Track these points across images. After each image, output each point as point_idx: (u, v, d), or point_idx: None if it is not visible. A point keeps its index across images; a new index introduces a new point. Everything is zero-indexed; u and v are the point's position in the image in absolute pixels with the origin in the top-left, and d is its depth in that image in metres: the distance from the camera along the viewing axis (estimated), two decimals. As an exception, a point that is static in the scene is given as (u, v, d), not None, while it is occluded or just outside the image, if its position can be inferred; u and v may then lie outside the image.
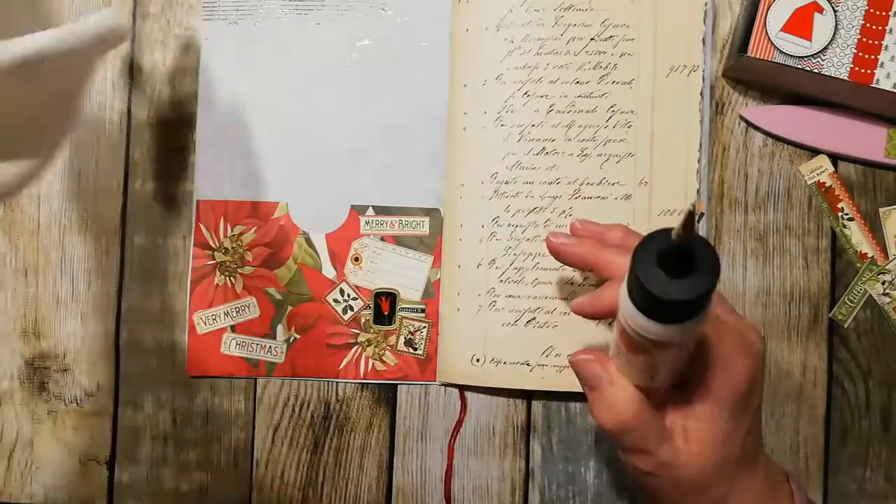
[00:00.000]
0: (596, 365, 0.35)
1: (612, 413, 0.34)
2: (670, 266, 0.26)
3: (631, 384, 0.34)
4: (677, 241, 0.25)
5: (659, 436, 0.34)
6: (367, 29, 0.48)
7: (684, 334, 0.28)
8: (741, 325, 0.36)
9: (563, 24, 0.46)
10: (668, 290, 0.26)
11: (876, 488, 0.46)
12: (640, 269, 0.26)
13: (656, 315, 0.27)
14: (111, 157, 0.48)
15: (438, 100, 0.47)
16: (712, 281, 0.26)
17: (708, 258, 0.26)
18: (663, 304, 0.26)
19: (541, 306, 0.45)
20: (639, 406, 0.34)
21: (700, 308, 0.27)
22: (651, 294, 0.26)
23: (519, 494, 0.47)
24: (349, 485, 0.47)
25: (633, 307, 0.28)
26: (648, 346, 0.30)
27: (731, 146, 0.47)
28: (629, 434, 0.34)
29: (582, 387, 0.36)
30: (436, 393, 0.47)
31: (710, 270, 0.26)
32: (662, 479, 0.35)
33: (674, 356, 0.31)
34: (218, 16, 0.48)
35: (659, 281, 0.26)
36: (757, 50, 0.42)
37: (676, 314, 0.27)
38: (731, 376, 0.34)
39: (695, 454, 0.34)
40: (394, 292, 0.47)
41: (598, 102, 0.46)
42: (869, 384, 0.46)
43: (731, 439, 0.34)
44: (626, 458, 0.36)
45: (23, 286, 0.48)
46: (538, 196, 0.46)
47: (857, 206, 0.46)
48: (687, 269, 0.26)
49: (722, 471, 0.35)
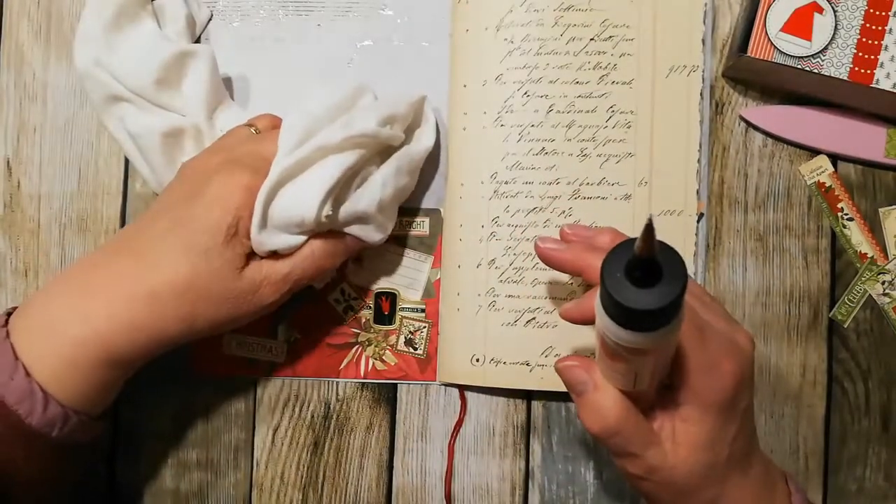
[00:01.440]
0: (581, 371, 0.35)
1: (598, 417, 0.35)
2: (637, 276, 0.26)
3: (616, 389, 0.35)
4: (640, 253, 0.26)
5: (646, 439, 0.35)
6: (368, 29, 0.48)
7: (659, 341, 0.29)
8: (731, 330, 0.36)
9: (562, 25, 0.46)
10: (635, 299, 0.26)
11: (876, 488, 0.46)
12: (608, 280, 0.27)
13: (628, 324, 0.28)
14: (111, 157, 0.48)
15: (438, 100, 0.47)
16: (678, 289, 0.26)
17: (675, 267, 0.26)
18: (633, 313, 0.27)
19: (541, 306, 0.45)
20: (624, 410, 0.35)
21: (671, 316, 0.28)
22: (620, 304, 0.27)
23: (519, 494, 0.47)
24: (349, 485, 0.47)
25: (607, 317, 0.28)
26: (625, 354, 0.30)
27: (730, 146, 0.47)
28: (616, 437, 0.35)
29: (569, 393, 0.37)
30: (436, 393, 0.47)
31: (676, 279, 0.26)
32: (652, 483, 0.35)
33: (652, 362, 0.31)
34: (218, 16, 0.49)
35: (626, 291, 0.27)
36: (757, 50, 0.42)
37: (648, 323, 0.28)
38: (718, 379, 0.34)
39: (682, 457, 0.35)
40: (394, 292, 0.47)
41: (598, 102, 0.46)
42: (869, 384, 0.46)
43: (719, 442, 0.35)
44: (617, 463, 0.37)
45: (23, 286, 0.48)
46: (538, 196, 0.46)
47: (857, 206, 0.46)
48: (654, 278, 0.26)
49: (711, 473, 0.35)
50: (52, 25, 0.49)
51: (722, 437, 0.35)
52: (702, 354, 0.34)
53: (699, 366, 0.34)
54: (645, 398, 0.35)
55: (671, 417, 0.35)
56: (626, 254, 0.26)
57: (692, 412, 0.35)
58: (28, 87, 0.48)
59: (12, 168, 0.48)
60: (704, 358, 0.34)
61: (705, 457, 0.35)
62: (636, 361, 0.31)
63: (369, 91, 0.44)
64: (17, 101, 0.48)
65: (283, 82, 0.48)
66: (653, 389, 0.35)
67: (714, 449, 0.35)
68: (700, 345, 0.34)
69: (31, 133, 0.48)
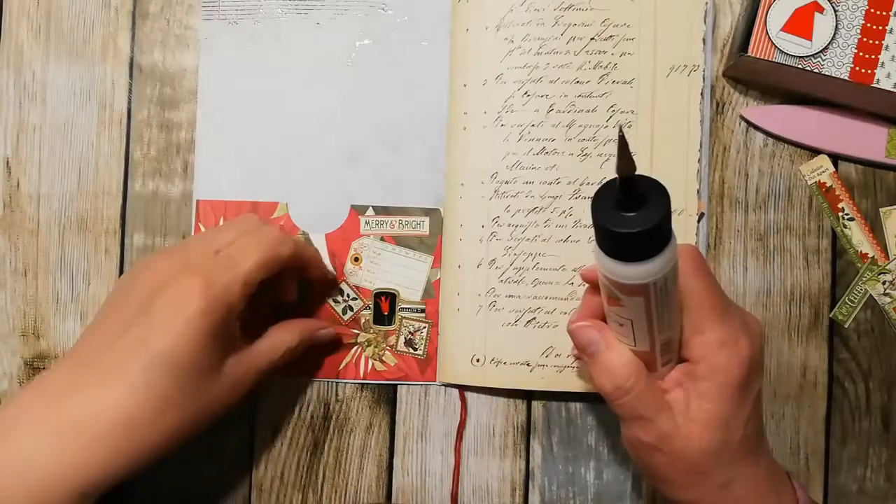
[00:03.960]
0: (593, 331, 0.36)
1: (610, 376, 0.35)
2: (622, 200, 0.28)
3: (628, 350, 0.35)
4: (619, 172, 0.27)
5: (657, 403, 0.35)
6: (367, 29, 0.48)
7: (647, 274, 0.30)
8: (743, 311, 0.37)
9: (563, 24, 0.46)
10: (618, 222, 0.28)
11: (876, 488, 0.46)
12: (596, 209, 0.28)
13: (617, 252, 0.29)
14: (111, 157, 0.48)
15: (438, 100, 0.47)
16: (662, 211, 0.28)
17: (658, 193, 0.28)
18: (619, 238, 0.28)
19: (541, 306, 0.45)
20: (636, 369, 0.35)
21: (656, 244, 0.29)
22: (607, 230, 0.28)
23: (519, 495, 0.47)
24: (349, 485, 0.47)
25: (600, 251, 0.30)
26: (619, 293, 0.31)
27: (731, 146, 0.47)
28: (626, 396, 0.35)
29: (581, 355, 0.37)
30: (436, 393, 0.47)
31: (659, 202, 0.28)
32: (664, 455, 0.35)
33: (645, 309, 0.32)
34: (218, 15, 0.48)
35: (610, 216, 0.28)
36: (757, 50, 0.42)
37: (635, 249, 0.29)
38: (736, 355, 0.34)
39: (696, 433, 0.35)
40: (394, 292, 0.47)
41: (599, 102, 0.46)
42: (869, 384, 0.46)
43: (732, 422, 0.35)
44: (628, 432, 0.37)
45: (22, 286, 0.48)
46: (538, 196, 0.46)
47: (858, 206, 0.46)
48: (640, 202, 0.28)
49: (724, 453, 0.35)
50: (52, 25, 0.49)
51: (736, 418, 0.35)
52: (723, 329, 0.34)
53: (719, 340, 0.34)
54: (653, 366, 0.36)
55: (686, 392, 0.35)
56: (611, 185, 0.28)
57: (709, 388, 0.35)
58: (28, 87, 0.48)
59: (12, 168, 0.48)
60: (726, 333, 0.34)
61: (719, 435, 0.35)
62: (631, 306, 0.32)
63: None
64: (17, 100, 0.48)
65: (283, 81, 0.48)
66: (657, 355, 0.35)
67: (728, 429, 0.35)
68: (723, 319, 0.35)
69: (30, 133, 0.48)
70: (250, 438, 0.47)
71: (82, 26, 0.48)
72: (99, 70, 0.48)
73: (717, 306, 0.35)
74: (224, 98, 0.48)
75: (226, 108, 0.48)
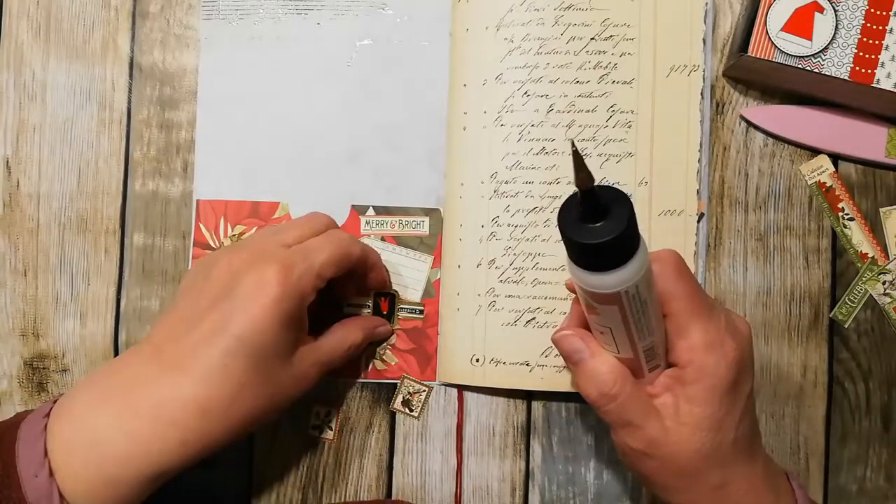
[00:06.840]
0: (576, 339, 0.36)
1: (595, 383, 0.35)
2: (586, 216, 0.28)
3: (613, 357, 0.35)
4: (578, 184, 0.27)
5: (645, 409, 0.35)
6: (367, 29, 0.48)
7: (618, 283, 0.30)
8: (729, 312, 0.37)
9: (563, 24, 0.46)
10: (583, 234, 0.28)
11: (876, 488, 0.46)
12: (561, 221, 0.29)
13: (585, 262, 0.30)
14: (111, 157, 0.48)
15: (438, 100, 0.47)
16: (624, 222, 0.28)
17: (620, 204, 0.28)
18: (586, 249, 0.29)
19: (541, 306, 0.45)
20: (620, 376, 0.35)
21: (623, 252, 0.29)
22: (574, 241, 0.29)
23: (519, 495, 0.47)
24: (349, 485, 0.47)
25: (571, 262, 0.31)
26: (594, 303, 0.32)
27: (731, 146, 0.47)
28: (612, 403, 0.35)
29: (566, 363, 0.37)
30: (436, 393, 0.47)
31: (621, 212, 0.28)
32: (654, 460, 0.35)
33: (621, 318, 0.32)
34: (217, 15, 0.48)
35: (576, 228, 0.29)
36: (757, 49, 0.42)
37: (602, 258, 0.29)
38: (722, 357, 0.34)
39: (686, 435, 0.35)
40: (393, 292, 0.47)
41: (598, 102, 0.46)
42: (869, 384, 0.46)
43: (724, 424, 0.35)
44: (618, 439, 0.37)
45: (22, 286, 0.48)
46: (538, 196, 0.46)
47: (858, 206, 0.46)
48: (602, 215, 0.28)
49: (716, 455, 0.35)
50: (51, 25, 0.49)
51: (727, 420, 0.35)
52: (708, 332, 0.34)
53: (705, 343, 0.34)
54: (639, 373, 0.36)
55: (675, 397, 0.35)
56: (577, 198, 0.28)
57: (697, 392, 0.35)
58: (28, 86, 0.48)
59: (12, 168, 0.48)
60: (711, 335, 0.34)
61: (710, 437, 0.35)
62: (607, 314, 0.32)
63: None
64: (17, 100, 0.48)
65: (283, 81, 0.48)
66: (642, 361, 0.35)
67: (720, 430, 0.35)
68: (708, 322, 0.34)
69: (30, 133, 0.48)
70: (250, 438, 0.47)
71: (82, 26, 0.49)
72: (99, 70, 0.48)
73: (701, 309, 0.34)
74: (224, 98, 0.48)
75: (226, 108, 0.48)
